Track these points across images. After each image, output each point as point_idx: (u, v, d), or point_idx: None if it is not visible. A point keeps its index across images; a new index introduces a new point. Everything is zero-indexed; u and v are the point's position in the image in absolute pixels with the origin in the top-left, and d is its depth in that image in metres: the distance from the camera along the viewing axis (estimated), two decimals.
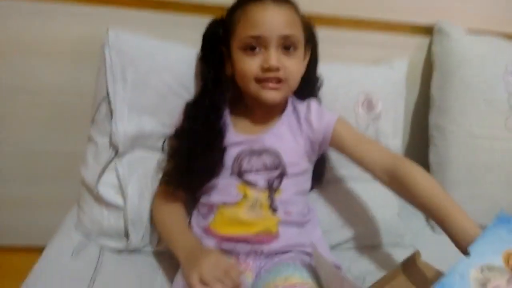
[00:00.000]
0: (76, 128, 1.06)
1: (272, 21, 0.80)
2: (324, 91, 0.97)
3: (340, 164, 1.00)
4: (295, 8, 0.84)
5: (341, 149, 0.87)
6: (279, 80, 0.82)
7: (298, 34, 0.83)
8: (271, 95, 0.82)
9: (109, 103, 0.91)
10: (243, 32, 0.81)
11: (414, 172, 0.78)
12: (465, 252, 0.68)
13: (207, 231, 0.81)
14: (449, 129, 1.06)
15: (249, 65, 0.81)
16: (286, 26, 0.80)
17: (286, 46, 0.81)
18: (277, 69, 0.80)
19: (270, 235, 0.79)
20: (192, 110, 0.86)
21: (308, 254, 0.80)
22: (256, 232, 0.79)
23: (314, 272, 0.74)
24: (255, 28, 0.79)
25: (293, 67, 0.82)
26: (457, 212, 0.72)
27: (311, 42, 0.91)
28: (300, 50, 0.84)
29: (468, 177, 1.04)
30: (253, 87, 0.82)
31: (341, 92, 0.99)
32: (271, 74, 0.81)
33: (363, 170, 0.86)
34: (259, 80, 0.82)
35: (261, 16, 0.80)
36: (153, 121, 0.93)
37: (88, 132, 0.96)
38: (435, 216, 0.74)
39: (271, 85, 0.81)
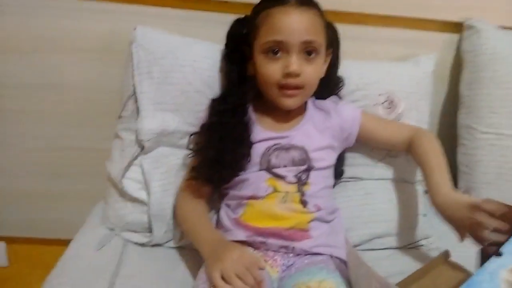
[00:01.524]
0: (102, 124, 1.09)
1: (294, 26, 0.81)
2: (343, 92, 0.98)
3: (361, 162, 0.99)
4: (318, 12, 0.85)
5: (369, 135, 0.94)
6: (298, 87, 0.83)
7: (320, 39, 0.84)
8: (289, 102, 0.85)
9: (136, 100, 0.93)
10: (266, 36, 0.82)
11: (422, 138, 0.90)
12: (436, 205, 0.80)
13: (238, 223, 0.82)
14: (478, 129, 1.03)
15: (271, 70, 0.83)
16: (308, 31, 0.81)
17: (308, 51, 0.82)
18: (298, 75, 0.82)
19: (302, 231, 0.80)
20: (220, 105, 0.88)
21: (339, 259, 0.81)
22: (289, 226, 0.79)
23: (346, 279, 0.74)
24: (277, 33, 0.81)
25: (312, 73, 0.84)
26: (440, 172, 0.84)
27: (333, 45, 0.92)
28: (321, 55, 0.86)
29: (497, 178, 1.01)
30: (274, 92, 0.85)
31: (360, 93, 0.99)
32: (291, 81, 0.82)
33: (385, 146, 0.97)
34: (280, 86, 0.83)
35: (284, 21, 0.81)
36: (176, 119, 0.94)
37: (114, 129, 0.97)
38: (423, 172, 0.87)
39: (289, 92, 0.84)
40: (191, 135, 0.91)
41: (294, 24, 0.81)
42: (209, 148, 0.84)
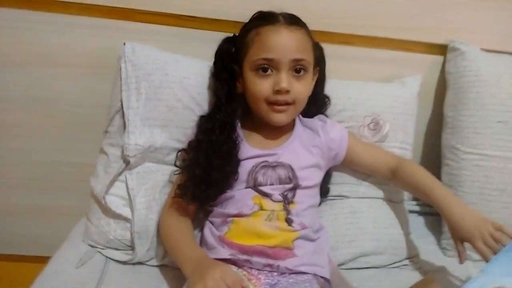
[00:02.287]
0: (88, 139, 1.08)
1: (285, 44, 0.83)
2: (330, 112, 0.99)
3: (347, 181, 1.00)
4: (306, 31, 0.87)
5: (353, 157, 0.95)
6: (287, 103, 0.85)
7: (309, 58, 0.86)
8: (279, 117, 0.86)
9: (123, 115, 0.93)
10: (256, 54, 0.83)
11: (412, 167, 0.94)
12: (451, 215, 0.82)
13: (222, 240, 0.81)
14: (462, 149, 1.04)
15: (261, 87, 0.84)
16: (298, 50, 0.83)
17: (297, 69, 0.84)
18: (287, 92, 0.83)
19: (286, 250, 0.79)
20: (207, 123, 0.88)
21: (324, 278, 0.80)
22: (273, 244, 0.79)
23: None
24: (268, 51, 0.82)
25: (301, 90, 0.86)
26: (445, 193, 0.88)
27: (319, 64, 0.94)
28: (309, 73, 0.87)
29: (480, 199, 1.02)
30: (263, 108, 0.86)
31: (347, 114, 1.00)
32: (281, 97, 0.84)
33: (368, 172, 0.98)
34: (269, 102, 0.84)
35: (275, 39, 0.83)
36: (164, 135, 0.94)
37: (100, 144, 0.97)
38: (428, 197, 0.88)
39: (279, 107, 0.85)
40: (178, 151, 0.91)
41: (284, 42, 0.83)
42: (196, 166, 0.84)
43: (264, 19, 0.86)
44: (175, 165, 0.90)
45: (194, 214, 0.89)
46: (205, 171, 0.82)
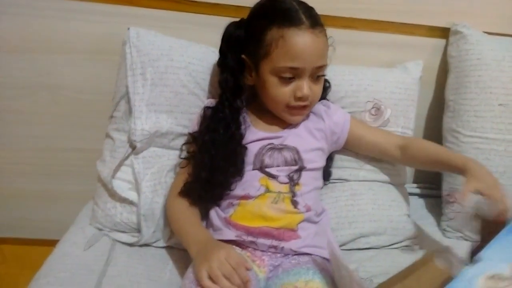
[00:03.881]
0: (93, 125, 1.09)
1: (311, 53, 0.82)
2: (331, 99, 0.99)
3: (348, 165, 1.01)
4: (324, 30, 0.85)
5: (357, 139, 0.95)
6: (305, 106, 0.87)
7: (326, 60, 0.86)
8: (296, 119, 0.90)
9: (128, 100, 0.93)
10: (281, 61, 0.82)
11: (423, 141, 0.99)
12: (473, 174, 0.79)
13: (228, 222, 0.82)
14: (463, 132, 1.05)
15: (282, 92, 0.84)
16: (321, 56, 0.84)
17: (318, 74, 0.85)
18: (308, 97, 0.84)
19: (291, 231, 0.81)
20: (212, 120, 0.87)
21: (325, 259, 0.82)
22: (278, 226, 0.80)
23: (333, 279, 0.75)
24: (294, 60, 0.81)
25: (319, 91, 0.88)
26: (460, 156, 0.90)
27: None
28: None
29: None
30: (281, 109, 0.87)
31: (349, 101, 1.01)
32: (301, 103, 0.85)
33: (375, 153, 0.98)
34: (289, 107, 0.86)
35: (301, 47, 0.81)
36: (169, 120, 0.94)
37: (106, 129, 0.98)
38: (438, 159, 0.90)
39: (297, 111, 0.87)
40: (183, 144, 0.92)
41: (310, 50, 0.81)
42: (201, 168, 0.85)
43: (287, 17, 0.81)
44: (180, 158, 0.91)
45: None
46: (210, 173, 0.83)
